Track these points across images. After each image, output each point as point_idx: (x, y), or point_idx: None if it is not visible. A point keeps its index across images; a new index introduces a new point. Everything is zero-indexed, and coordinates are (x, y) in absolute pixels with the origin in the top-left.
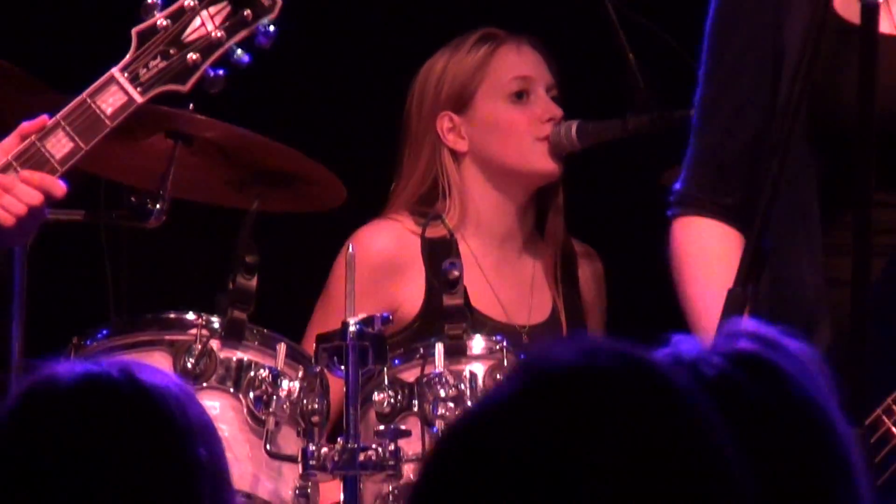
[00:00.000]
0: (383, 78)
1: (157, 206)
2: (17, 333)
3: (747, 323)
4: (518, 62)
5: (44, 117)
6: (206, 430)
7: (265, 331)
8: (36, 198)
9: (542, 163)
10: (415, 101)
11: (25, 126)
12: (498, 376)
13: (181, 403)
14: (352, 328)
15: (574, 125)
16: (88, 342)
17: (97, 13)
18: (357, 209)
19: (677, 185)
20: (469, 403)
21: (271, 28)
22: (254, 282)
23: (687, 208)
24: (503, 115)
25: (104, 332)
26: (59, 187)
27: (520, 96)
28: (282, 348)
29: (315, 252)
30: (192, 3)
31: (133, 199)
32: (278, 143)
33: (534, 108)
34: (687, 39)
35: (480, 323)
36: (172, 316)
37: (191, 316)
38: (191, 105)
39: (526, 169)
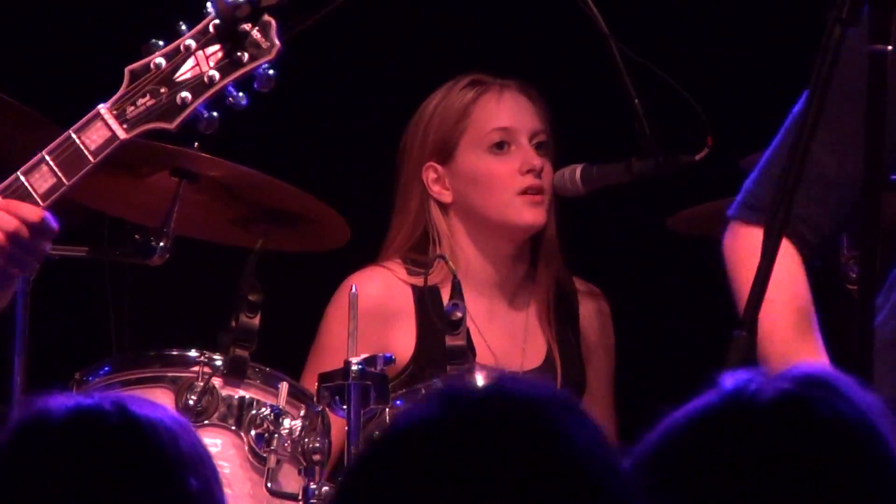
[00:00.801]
0: (389, 118)
1: (161, 243)
2: (20, 368)
3: (812, 365)
4: (499, 112)
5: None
6: (199, 462)
7: (267, 369)
8: (11, 223)
9: (523, 215)
10: (405, 148)
11: None
12: None
13: (173, 435)
14: (354, 367)
15: (578, 169)
16: (90, 378)
17: (99, 48)
18: (361, 249)
19: (745, 189)
20: None
21: (270, 72)
22: (256, 320)
23: (755, 215)
24: (483, 166)
25: (106, 368)
26: (36, 213)
27: (500, 147)
28: (284, 387)
29: (318, 291)
30: (188, 44)
31: (137, 236)
32: (283, 182)
33: (514, 158)
34: (691, 83)
35: (486, 368)
36: (175, 353)
37: (193, 353)
38: (196, 143)
39: (507, 222)
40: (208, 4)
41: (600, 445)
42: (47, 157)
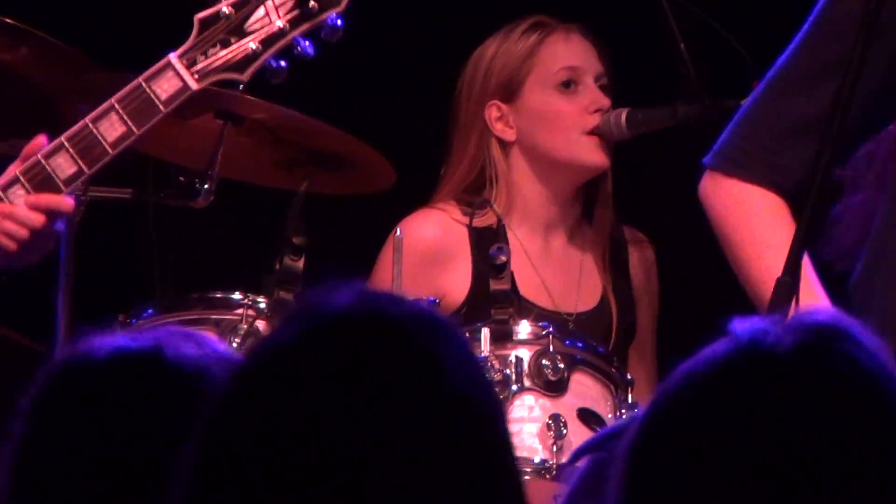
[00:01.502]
0: (435, 61)
1: (206, 185)
2: (64, 310)
3: (821, 312)
4: (567, 52)
5: (41, 137)
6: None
7: None
8: (38, 220)
9: (590, 155)
10: (464, 89)
11: (30, 149)
12: (544, 362)
13: (213, 380)
14: None
15: (623, 113)
16: (134, 320)
17: None
18: (406, 193)
19: (725, 138)
20: (514, 388)
21: (338, 22)
22: (301, 263)
23: (736, 169)
24: (551, 104)
25: (150, 310)
26: (65, 203)
27: (567, 86)
28: None
29: (363, 234)
30: None
31: (181, 178)
32: (328, 125)
33: (582, 98)
34: (738, 28)
35: (527, 310)
36: (219, 295)
37: (237, 296)
38: (241, 85)
39: (573, 161)
40: None
41: (469, 362)
42: (116, 106)
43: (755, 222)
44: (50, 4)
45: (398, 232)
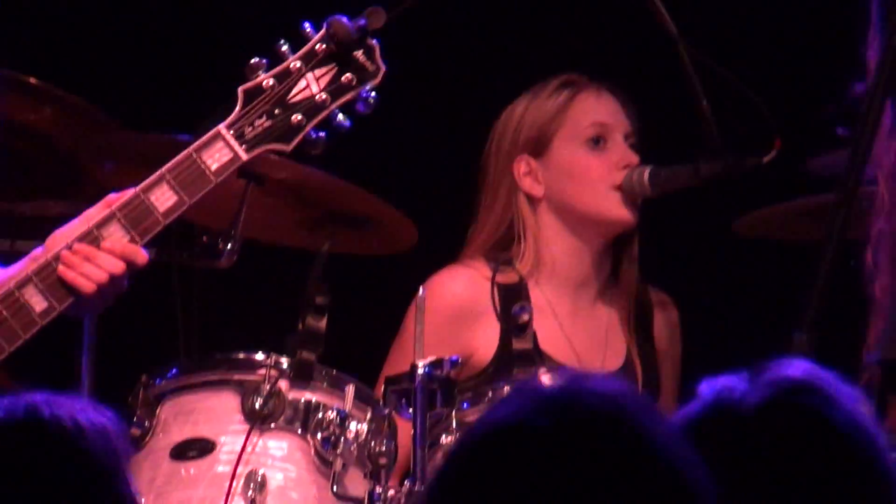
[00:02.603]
0: (457, 121)
1: (229, 245)
2: (88, 369)
3: (793, 364)
4: (597, 108)
5: (131, 190)
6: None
7: (334, 372)
8: (118, 266)
9: (617, 211)
10: (494, 144)
11: (112, 197)
12: None
13: (90, 438)
14: (420, 371)
15: (647, 171)
16: (157, 380)
17: (168, 53)
18: (429, 252)
19: None
20: None
21: (373, 94)
22: (323, 323)
23: None
24: (580, 160)
25: (174, 370)
26: (142, 256)
27: (597, 142)
28: (350, 390)
29: (385, 294)
30: (297, 65)
31: (205, 238)
32: (351, 185)
33: (611, 154)
34: (759, 85)
35: (552, 369)
36: (241, 356)
37: (260, 356)
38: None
39: (601, 216)
40: (306, 25)
41: (679, 441)
42: (168, 176)
43: None
44: (75, 65)
45: (422, 292)
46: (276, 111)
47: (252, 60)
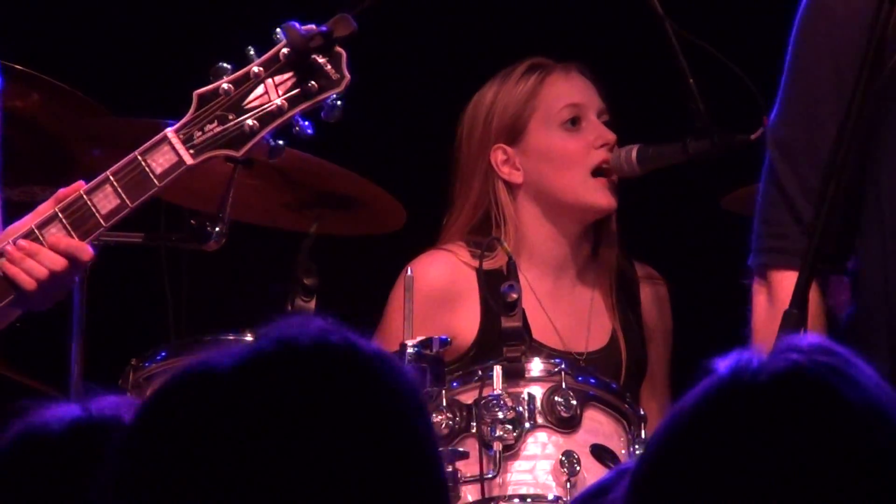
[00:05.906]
0: (442, 102)
1: (217, 228)
2: (77, 355)
3: (807, 337)
4: (568, 89)
5: (79, 182)
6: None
7: None
8: (59, 263)
9: (597, 197)
10: (465, 133)
11: (62, 192)
12: (556, 398)
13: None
14: (410, 350)
15: (634, 150)
16: (147, 364)
17: (156, 39)
18: (416, 232)
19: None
20: (527, 426)
21: (338, 103)
22: (312, 304)
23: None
24: (557, 143)
25: (163, 353)
26: (87, 252)
27: (573, 123)
28: None
29: (374, 275)
30: (257, 70)
31: (193, 221)
32: (337, 166)
33: (587, 134)
34: (746, 61)
35: (537, 351)
36: (231, 338)
37: (249, 338)
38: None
39: (580, 203)
40: (279, 31)
41: (415, 393)
42: (112, 178)
43: None
44: (62, 51)
45: (409, 272)
46: (230, 116)
47: (217, 64)
